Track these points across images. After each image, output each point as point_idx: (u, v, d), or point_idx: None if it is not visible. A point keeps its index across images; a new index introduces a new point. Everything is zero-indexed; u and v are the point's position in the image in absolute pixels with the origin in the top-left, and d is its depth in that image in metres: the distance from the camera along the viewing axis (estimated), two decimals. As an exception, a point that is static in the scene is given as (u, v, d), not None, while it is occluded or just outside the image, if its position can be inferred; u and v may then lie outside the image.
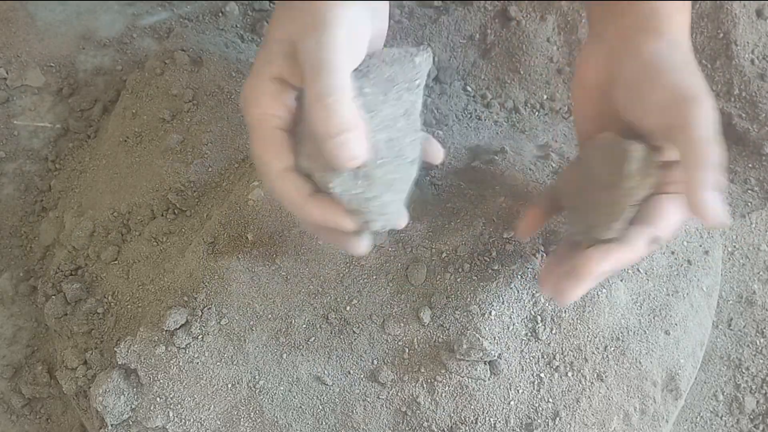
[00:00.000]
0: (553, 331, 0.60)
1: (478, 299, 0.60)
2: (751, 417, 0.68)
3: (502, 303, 0.59)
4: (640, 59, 0.49)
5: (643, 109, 0.48)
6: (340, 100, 0.42)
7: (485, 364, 0.58)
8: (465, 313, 0.59)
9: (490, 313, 0.59)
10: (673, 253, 0.64)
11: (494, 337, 0.58)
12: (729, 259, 0.71)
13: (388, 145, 0.46)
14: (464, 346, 0.57)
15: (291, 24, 0.46)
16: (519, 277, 0.60)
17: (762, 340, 0.70)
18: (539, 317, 0.59)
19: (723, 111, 0.79)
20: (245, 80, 0.47)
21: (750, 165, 0.77)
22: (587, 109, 0.54)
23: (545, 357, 0.59)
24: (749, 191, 0.75)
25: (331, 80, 0.43)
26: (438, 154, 0.53)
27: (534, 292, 0.60)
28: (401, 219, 0.49)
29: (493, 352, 0.58)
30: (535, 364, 0.59)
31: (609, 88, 0.51)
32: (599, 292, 0.61)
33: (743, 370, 0.69)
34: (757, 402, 0.68)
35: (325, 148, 0.43)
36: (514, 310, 0.59)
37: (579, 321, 0.60)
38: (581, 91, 0.54)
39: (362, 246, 0.49)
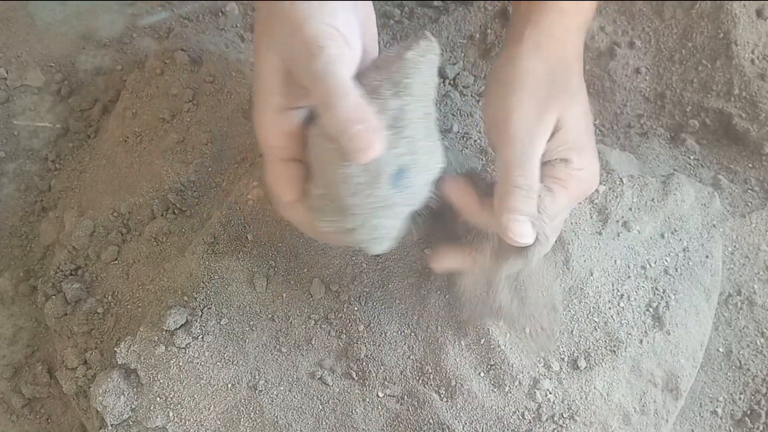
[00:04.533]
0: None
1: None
2: (751, 417, 0.68)
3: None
4: (496, 66, 0.51)
5: (484, 120, 0.50)
6: (344, 95, 0.43)
7: (486, 365, 0.58)
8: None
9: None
10: (672, 253, 0.64)
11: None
12: (729, 259, 0.71)
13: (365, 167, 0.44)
14: (465, 349, 0.57)
15: (280, 46, 0.46)
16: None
17: (762, 340, 0.70)
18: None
19: (723, 111, 0.79)
20: (253, 110, 0.49)
21: (750, 165, 0.77)
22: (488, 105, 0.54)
23: (545, 357, 0.59)
24: (749, 191, 0.75)
25: (332, 84, 0.43)
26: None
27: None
28: (390, 241, 0.49)
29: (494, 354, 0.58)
30: (535, 364, 0.59)
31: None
32: (599, 292, 0.61)
33: (743, 370, 0.69)
34: (758, 402, 0.68)
35: (342, 142, 0.43)
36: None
37: (578, 321, 0.60)
38: (490, 87, 0.54)
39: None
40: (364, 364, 0.59)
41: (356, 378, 0.59)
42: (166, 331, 0.59)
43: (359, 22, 0.48)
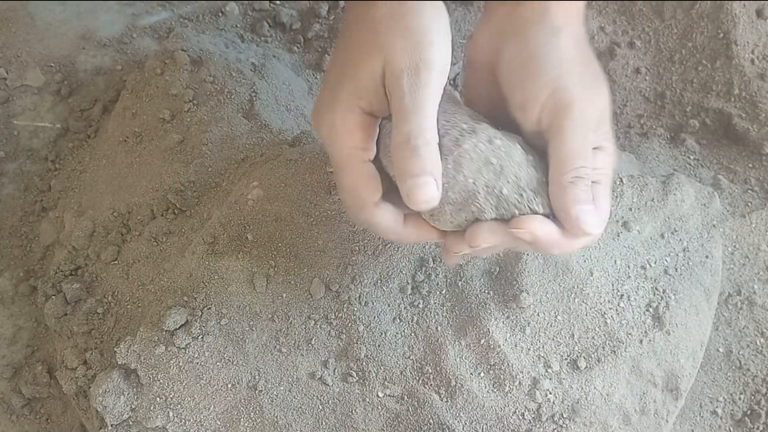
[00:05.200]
0: (553, 333, 0.60)
1: (480, 303, 0.60)
2: (751, 417, 0.68)
3: (504, 309, 0.59)
4: (525, 48, 0.48)
5: (521, 101, 0.48)
6: (427, 143, 0.44)
7: (486, 365, 0.58)
8: (468, 317, 0.59)
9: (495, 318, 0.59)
10: (672, 253, 0.64)
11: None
12: (729, 259, 0.71)
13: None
14: (466, 350, 0.57)
15: (385, 49, 0.46)
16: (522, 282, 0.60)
17: (762, 340, 0.70)
18: (540, 318, 0.60)
19: (723, 111, 0.79)
20: (324, 107, 0.47)
21: (750, 165, 0.77)
22: (477, 89, 0.53)
23: (545, 357, 0.59)
24: (749, 191, 0.75)
25: (420, 123, 0.44)
26: None
27: (536, 295, 0.60)
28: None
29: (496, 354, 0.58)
30: (535, 364, 0.59)
31: (496, 72, 0.51)
32: (599, 292, 0.61)
33: (743, 370, 0.69)
34: (758, 402, 0.68)
35: (404, 186, 0.44)
36: (515, 315, 0.59)
37: (578, 321, 0.60)
38: (471, 71, 0.53)
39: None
40: (364, 364, 0.59)
41: (356, 378, 0.59)
42: (166, 331, 0.59)
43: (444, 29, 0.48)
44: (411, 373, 0.59)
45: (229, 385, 0.58)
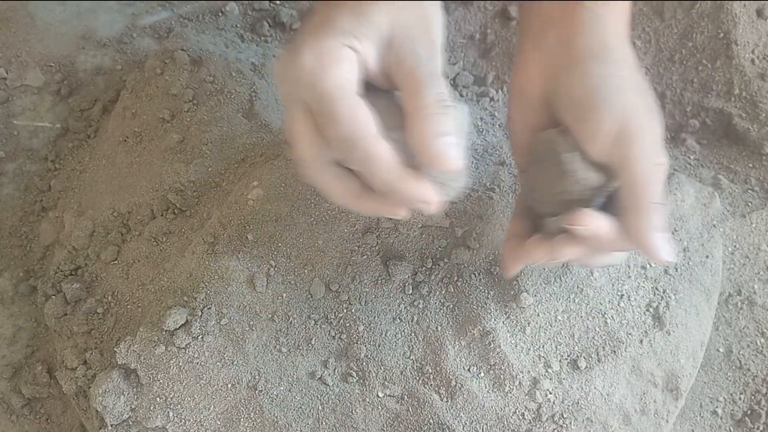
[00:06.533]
0: (553, 333, 0.60)
1: (480, 303, 0.60)
2: (751, 417, 0.68)
3: (504, 309, 0.59)
4: (587, 83, 0.49)
5: (588, 133, 0.48)
6: (449, 105, 0.44)
7: (486, 365, 0.58)
8: (468, 317, 0.59)
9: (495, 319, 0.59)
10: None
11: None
12: (729, 259, 0.71)
13: None
14: (466, 352, 0.57)
15: (397, 12, 0.46)
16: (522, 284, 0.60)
17: (762, 340, 0.70)
18: (540, 318, 0.60)
19: (723, 111, 0.79)
20: (308, 41, 0.44)
21: (750, 165, 0.77)
22: (528, 118, 0.53)
23: (545, 357, 0.59)
24: (749, 191, 0.75)
25: (443, 87, 0.45)
26: None
27: (536, 295, 0.60)
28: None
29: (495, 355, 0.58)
30: (536, 364, 0.59)
31: (553, 102, 0.51)
32: (599, 292, 0.61)
33: (743, 370, 0.69)
34: (758, 402, 0.68)
35: (438, 144, 0.43)
36: (515, 315, 0.59)
37: (578, 321, 0.60)
38: (522, 100, 0.53)
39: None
40: (364, 364, 0.59)
41: (356, 378, 0.59)
42: (166, 331, 0.59)
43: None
44: (411, 373, 0.59)
45: (229, 385, 0.58)
